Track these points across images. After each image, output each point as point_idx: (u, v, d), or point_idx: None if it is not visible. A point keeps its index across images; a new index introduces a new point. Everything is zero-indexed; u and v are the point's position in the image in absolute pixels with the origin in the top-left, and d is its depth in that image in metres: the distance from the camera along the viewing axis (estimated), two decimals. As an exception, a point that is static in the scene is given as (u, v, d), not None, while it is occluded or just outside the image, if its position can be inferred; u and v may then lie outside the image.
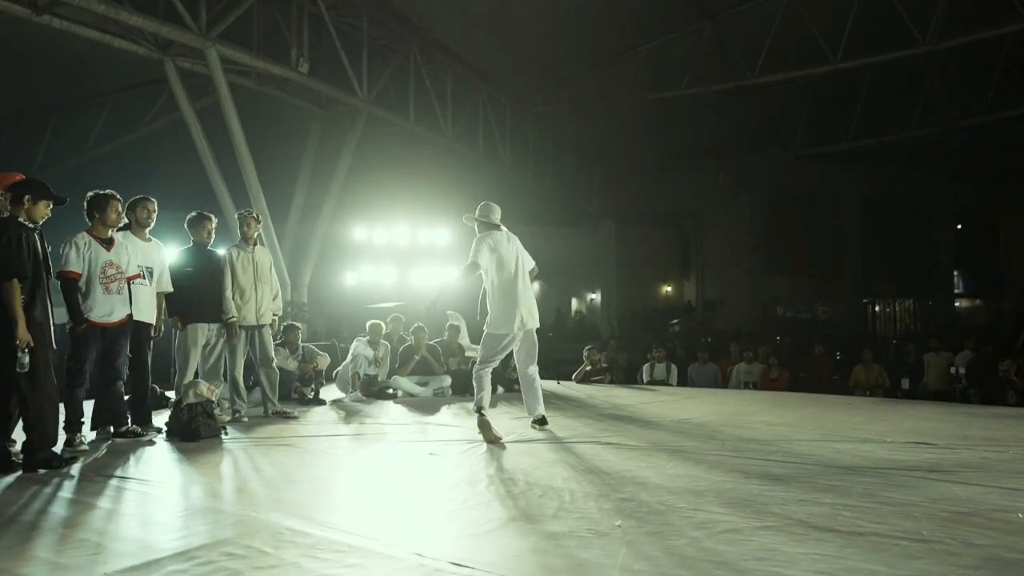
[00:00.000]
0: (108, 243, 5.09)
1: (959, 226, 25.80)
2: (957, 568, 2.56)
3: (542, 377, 9.60)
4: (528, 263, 5.66)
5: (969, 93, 18.11)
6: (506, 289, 5.39)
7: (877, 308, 25.30)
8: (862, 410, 7.21)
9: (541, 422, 5.53)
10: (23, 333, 4.06)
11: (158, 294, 5.61)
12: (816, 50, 15.73)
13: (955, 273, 26.35)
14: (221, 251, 6.51)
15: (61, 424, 4.79)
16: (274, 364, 6.65)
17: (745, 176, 21.88)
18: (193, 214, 6.19)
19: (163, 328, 5.83)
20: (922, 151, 20.77)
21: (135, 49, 11.60)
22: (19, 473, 4.14)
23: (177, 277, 5.85)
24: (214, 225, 6.24)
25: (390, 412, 7.02)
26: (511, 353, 8.71)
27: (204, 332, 6.15)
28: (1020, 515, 3.17)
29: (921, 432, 5.42)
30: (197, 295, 6.03)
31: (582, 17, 14.97)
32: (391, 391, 8.07)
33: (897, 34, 14.94)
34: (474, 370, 5.57)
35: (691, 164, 21.87)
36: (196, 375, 6.14)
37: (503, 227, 5.64)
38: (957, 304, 26.57)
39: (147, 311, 5.49)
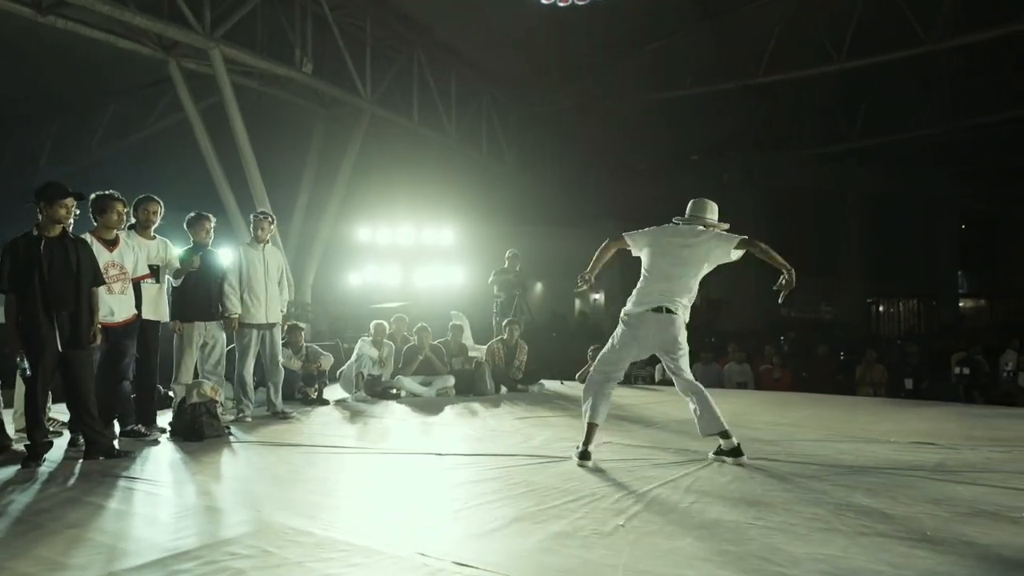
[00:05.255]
0: (111, 244, 5.11)
1: (963, 226, 25.70)
2: (961, 568, 2.56)
3: (547, 377, 9.66)
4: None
5: (974, 92, 18.04)
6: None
7: (881, 308, 25.22)
8: (866, 410, 7.19)
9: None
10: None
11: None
12: (821, 49, 15.70)
13: (959, 273, 26.24)
14: (227, 250, 6.54)
15: (65, 423, 4.84)
16: (281, 364, 6.68)
17: (750, 176, 21.83)
18: (192, 214, 6.19)
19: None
20: (927, 150, 20.71)
21: (139, 49, 11.63)
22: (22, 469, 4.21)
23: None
24: (212, 224, 6.24)
25: (394, 412, 7.03)
26: (514, 353, 8.80)
27: (200, 331, 6.16)
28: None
29: (925, 432, 5.40)
30: (194, 295, 6.03)
31: (586, 17, 14.96)
32: (395, 391, 8.07)
33: (903, 33, 14.89)
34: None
35: (696, 164, 21.84)
36: (196, 375, 6.16)
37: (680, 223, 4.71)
38: (961, 304, 26.46)
39: (153, 309, 5.53)
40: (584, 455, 4.33)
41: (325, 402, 7.52)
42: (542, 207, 20.12)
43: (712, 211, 4.71)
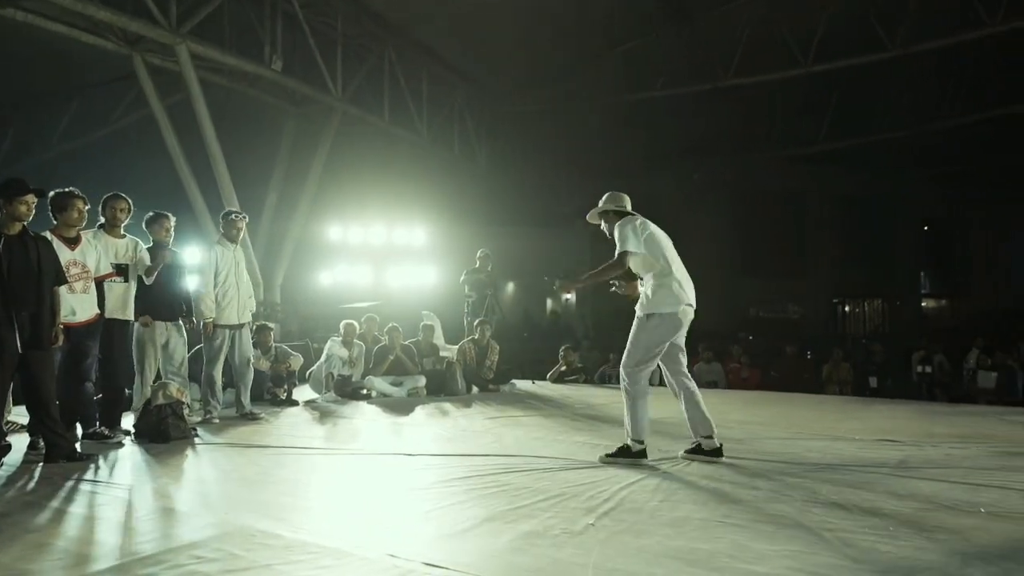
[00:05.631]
0: (72, 242, 5.00)
1: (925, 227, 26.30)
2: (922, 562, 2.62)
3: (518, 377, 9.66)
4: None
5: (938, 97, 18.47)
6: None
7: (847, 308, 25.68)
8: (832, 408, 7.32)
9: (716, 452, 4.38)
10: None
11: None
12: (789, 53, 15.94)
13: (922, 274, 26.84)
14: (196, 250, 6.46)
15: (24, 424, 4.72)
16: (250, 364, 6.60)
17: (720, 177, 22.07)
18: (150, 214, 6.06)
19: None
20: (892, 153, 21.14)
21: (103, 44, 11.37)
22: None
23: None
24: (172, 224, 6.15)
25: (364, 413, 6.98)
26: (486, 353, 8.78)
27: (163, 331, 6.08)
28: (982, 509, 3.25)
29: (889, 430, 5.52)
30: (155, 294, 5.92)
31: (559, 18, 15.00)
32: (365, 391, 8.02)
33: (868, 38, 15.19)
34: (629, 378, 4.40)
35: (667, 165, 22.03)
36: (159, 376, 6.06)
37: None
38: (923, 304, 27.06)
39: (120, 308, 5.43)
40: (642, 453, 4.29)
41: (294, 403, 7.45)
42: (514, 207, 20.12)
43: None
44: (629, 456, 4.33)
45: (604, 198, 4.78)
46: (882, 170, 22.31)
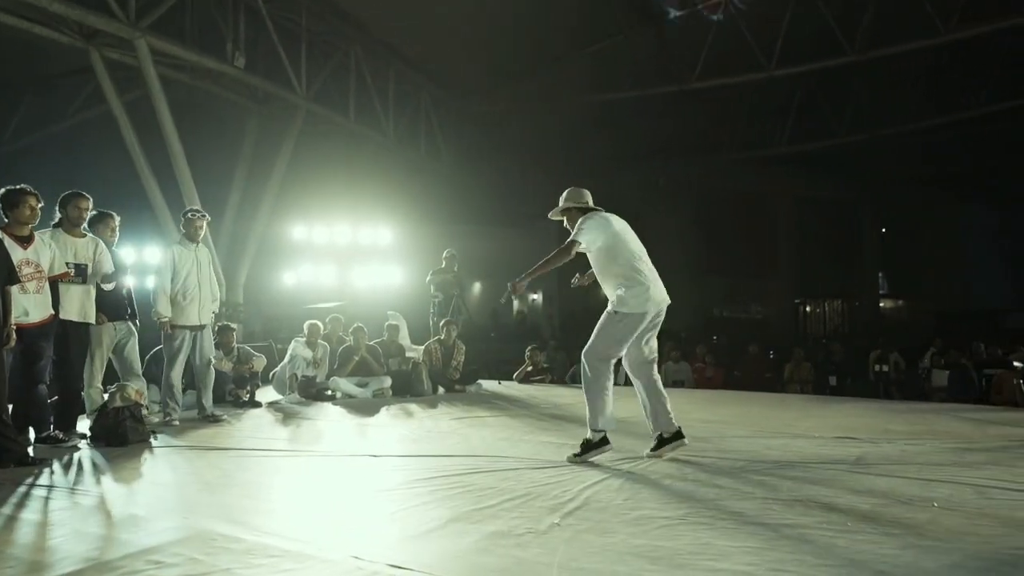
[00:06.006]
0: (25, 241, 4.85)
1: (883, 229, 26.95)
2: (878, 556, 2.68)
3: (484, 377, 9.64)
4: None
5: (897, 103, 18.96)
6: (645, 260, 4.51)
7: (808, 308, 26.19)
8: (793, 407, 7.45)
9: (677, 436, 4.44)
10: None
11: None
12: (753, 57, 16.21)
13: (880, 274, 27.50)
14: (156, 249, 6.34)
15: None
16: (212, 366, 6.49)
17: (685, 179, 22.33)
18: (94, 212, 5.90)
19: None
20: (853, 156, 21.64)
21: (57, 38, 11.06)
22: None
23: None
24: (117, 223, 6.02)
25: (328, 414, 6.92)
26: (452, 353, 8.76)
27: (111, 332, 5.95)
28: (935, 504, 3.34)
29: (847, 428, 5.63)
30: (103, 294, 5.77)
31: (526, 18, 15.04)
32: (330, 392, 7.94)
33: (830, 43, 15.53)
34: (592, 368, 4.47)
35: (633, 166, 22.23)
36: (113, 379, 5.92)
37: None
38: (881, 304, 27.73)
39: (78, 310, 5.29)
40: (603, 440, 4.33)
41: (257, 404, 7.34)
42: (480, 207, 20.12)
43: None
44: (592, 448, 4.34)
45: (565, 194, 4.75)
46: (844, 172, 22.82)
